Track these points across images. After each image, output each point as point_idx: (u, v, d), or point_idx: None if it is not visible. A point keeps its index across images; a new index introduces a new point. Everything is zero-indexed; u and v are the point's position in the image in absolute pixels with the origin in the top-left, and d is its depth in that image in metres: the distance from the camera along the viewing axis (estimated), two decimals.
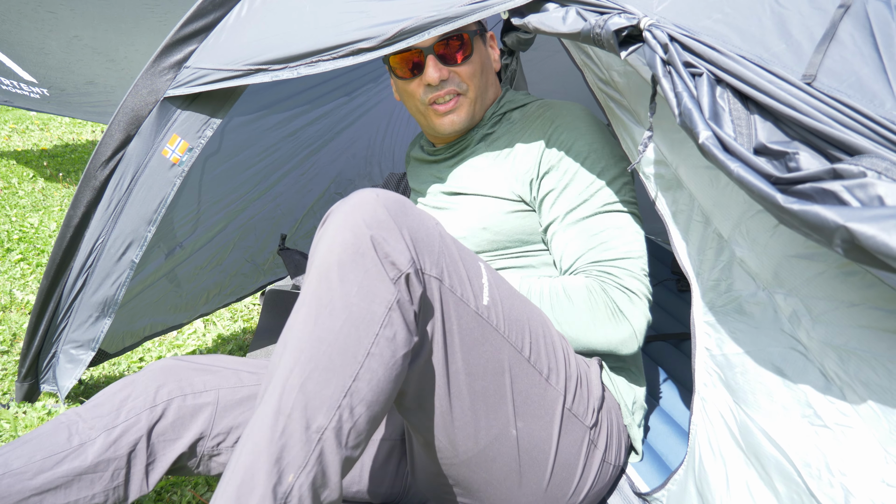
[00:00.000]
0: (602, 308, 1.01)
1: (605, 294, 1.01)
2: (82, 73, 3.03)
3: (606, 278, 1.02)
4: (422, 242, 0.83)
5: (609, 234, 1.04)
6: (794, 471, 0.75)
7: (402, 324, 0.78)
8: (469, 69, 1.15)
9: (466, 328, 0.86)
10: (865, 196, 0.58)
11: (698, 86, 0.71)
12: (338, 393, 0.74)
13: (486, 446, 0.90)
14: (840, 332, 0.71)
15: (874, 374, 0.68)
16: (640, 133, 0.93)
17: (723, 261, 0.85)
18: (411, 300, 0.79)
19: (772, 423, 0.79)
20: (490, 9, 0.93)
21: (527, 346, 0.92)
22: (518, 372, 0.90)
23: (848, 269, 0.70)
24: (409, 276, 0.79)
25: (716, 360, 0.88)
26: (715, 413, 0.88)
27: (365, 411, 0.76)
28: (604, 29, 0.78)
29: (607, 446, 1.02)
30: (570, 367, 0.98)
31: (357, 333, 0.76)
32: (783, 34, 0.71)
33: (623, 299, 1.01)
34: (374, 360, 0.76)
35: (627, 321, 1.00)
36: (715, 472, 0.87)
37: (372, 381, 0.76)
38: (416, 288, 0.80)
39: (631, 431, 1.09)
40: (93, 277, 1.40)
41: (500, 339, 0.88)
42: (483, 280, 0.89)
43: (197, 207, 1.62)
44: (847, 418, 0.71)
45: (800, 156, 0.64)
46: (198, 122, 1.29)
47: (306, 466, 0.72)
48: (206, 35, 1.26)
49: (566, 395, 0.95)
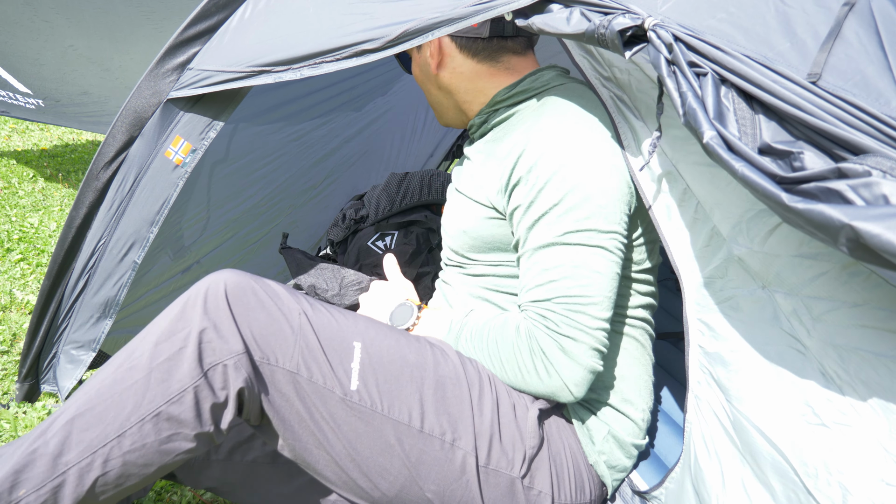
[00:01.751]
0: (527, 355, 0.94)
1: (530, 340, 0.94)
2: (77, 83, 3.04)
3: (540, 322, 0.93)
4: (270, 337, 0.86)
5: (562, 271, 0.92)
6: (790, 469, 0.75)
7: (193, 409, 0.81)
8: (417, 75, 1.22)
9: (337, 414, 0.88)
10: (870, 195, 0.58)
11: (703, 85, 0.72)
12: (98, 441, 0.80)
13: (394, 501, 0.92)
14: (842, 332, 0.71)
15: (875, 373, 0.68)
16: (642, 128, 0.94)
17: (720, 258, 0.85)
18: (213, 392, 0.82)
19: (767, 422, 0.79)
20: (494, 10, 0.94)
21: (416, 416, 0.91)
22: (411, 443, 0.90)
23: (852, 270, 0.70)
24: (226, 366, 0.82)
25: (709, 358, 0.88)
26: (709, 411, 0.88)
27: (118, 468, 0.80)
28: (608, 29, 0.79)
29: (556, 489, 0.98)
30: (481, 424, 0.94)
31: (142, 398, 0.81)
32: (788, 33, 0.71)
33: (552, 348, 0.92)
34: (148, 428, 0.80)
35: (556, 373, 0.92)
36: (710, 469, 0.87)
37: (136, 445, 0.80)
38: (236, 380, 0.83)
39: (598, 469, 1.04)
40: (94, 278, 1.40)
41: (379, 418, 0.89)
42: (353, 364, 0.90)
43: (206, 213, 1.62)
44: (846, 417, 0.71)
45: (804, 155, 0.64)
46: (201, 123, 1.29)
47: (40, 489, 0.78)
48: (209, 37, 1.26)
49: (478, 453, 0.93)
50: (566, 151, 0.94)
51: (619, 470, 1.06)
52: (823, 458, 0.72)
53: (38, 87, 3.03)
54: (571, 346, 0.91)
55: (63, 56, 2.86)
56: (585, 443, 1.04)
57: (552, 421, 1.03)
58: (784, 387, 0.77)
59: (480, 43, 1.11)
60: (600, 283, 0.92)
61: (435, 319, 1.10)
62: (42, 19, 2.63)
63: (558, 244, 0.93)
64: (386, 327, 1.00)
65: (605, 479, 1.05)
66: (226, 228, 1.74)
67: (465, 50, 1.12)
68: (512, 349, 0.96)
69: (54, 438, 0.80)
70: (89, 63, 2.90)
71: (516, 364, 0.96)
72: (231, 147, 1.61)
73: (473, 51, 1.12)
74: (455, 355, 1.01)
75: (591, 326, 0.92)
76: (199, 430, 0.83)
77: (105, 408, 0.81)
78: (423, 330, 1.09)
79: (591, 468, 1.04)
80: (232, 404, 0.84)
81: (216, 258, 1.76)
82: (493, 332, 1.00)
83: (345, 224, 1.89)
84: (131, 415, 0.80)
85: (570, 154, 0.94)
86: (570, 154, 0.94)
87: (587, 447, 1.04)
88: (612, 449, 1.04)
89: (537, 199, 0.95)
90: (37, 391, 1.54)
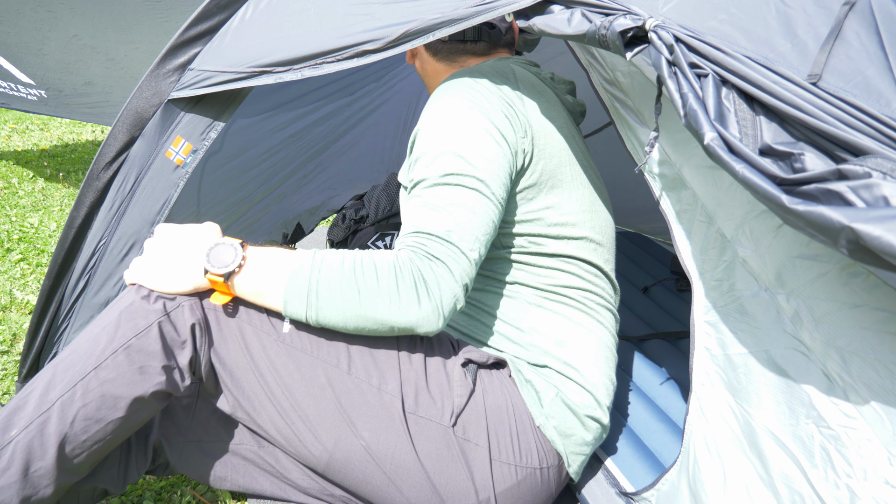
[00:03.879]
0: (407, 277, 0.88)
1: (411, 264, 0.89)
2: (81, 73, 3.03)
3: (418, 248, 0.90)
4: None
5: (438, 205, 0.93)
6: (800, 472, 0.75)
7: (159, 341, 0.89)
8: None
9: (274, 357, 0.95)
10: (870, 196, 0.58)
11: (704, 87, 0.72)
12: (77, 375, 0.87)
13: (333, 457, 0.97)
14: (842, 334, 0.71)
15: (877, 375, 0.68)
16: (645, 133, 0.94)
17: (725, 260, 0.85)
18: (175, 328, 0.91)
19: (777, 424, 0.79)
20: (495, 11, 0.94)
21: (343, 360, 0.96)
22: (340, 387, 0.96)
23: (851, 271, 0.70)
24: (182, 307, 0.91)
25: (716, 361, 0.88)
26: (713, 413, 0.88)
27: (97, 399, 0.87)
28: (609, 30, 0.79)
29: (493, 445, 0.99)
30: (408, 371, 0.98)
31: (114, 334, 0.89)
32: (788, 34, 0.71)
33: (426, 267, 0.89)
34: (121, 358, 0.88)
35: (432, 292, 0.88)
36: (711, 472, 0.87)
37: (112, 375, 0.88)
38: (190, 318, 0.91)
39: (546, 433, 1.03)
40: (95, 278, 1.40)
41: (310, 359, 0.95)
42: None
43: (197, 209, 1.62)
44: (851, 420, 0.71)
45: (805, 157, 0.64)
46: (202, 124, 1.30)
47: (28, 427, 0.85)
48: (210, 37, 1.26)
49: (404, 399, 0.97)
50: (440, 114, 1.01)
51: (576, 442, 1.05)
52: (831, 460, 0.72)
53: (42, 78, 3.03)
54: (443, 269, 0.89)
55: (67, 46, 2.86)
56: (531, 403, 1.04)
57: (493, 375, 1.04)
58: (789, 389, 0.77)
59: (440, 44, 1.22)
60: (473, 221, 0.92)
61: (270, 255, 0.93)
62: (46, 9, 2.63)
63: (439, 184, 0.95)
64: None
65: (556, 445, 1.03)
66: (217, 218, 1.74)
67: (428, 49, 1.25)
68: (390, 270, 0.89)
69: (41, 380, 0.89)
70: (94, 53, 2.90)
71: (394, 284, 0.88)
72: (225, 138, 1.61)
73: (434, 50, 1.24)
74: None
75: (460, 258, 0.91)
76: (166, 363, 0.91)
77: (84, 349, 0.90)
78: (255, 270, 0.92)
79: (539, 431, 1.03)
80: (189, 342, 0.92)
81: None
82: (364, 259, 0.91)
83: (345, 224, 1.89)
84: (105, 349, 0.88)
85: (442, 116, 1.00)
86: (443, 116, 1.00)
87: (533, 408, 1.03)
88: (561, 413, 1.04)
89: (416, 152, 1.01)
90: None
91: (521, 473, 1.01)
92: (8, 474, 0.84)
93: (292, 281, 0.89)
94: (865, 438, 0.69)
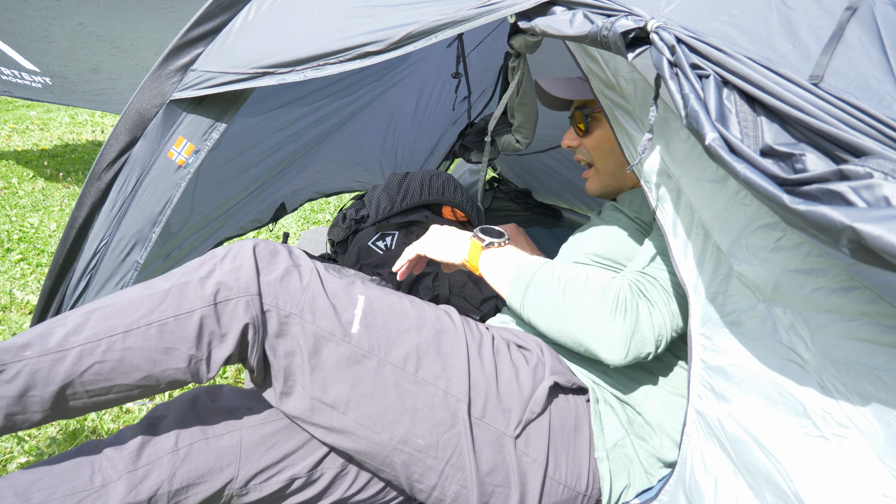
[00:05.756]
0: (610, 297, 0.96)
1: (621, 282, 0.97)
2: (87, 60, 3.04)
3: (634, 282, 0.98)
4: (281, 287, 0.95)
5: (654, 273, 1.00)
6: (786, 482, 0.75)
7: (196, 329, 0.90)
8: (592, 141, 1.26)
9: (337, 354, 0.94)
10: (872, 197, 0.58)
11: (705, 87, 0.72)
12: (107, 330, 0.88)
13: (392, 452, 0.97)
14: (839, 346, 0.71)
15: (872, 387, 0.68)
16: (642, 140, 0.94)
17: (721, 273, 0.85)
18: (218, 322, 0.91)
19: (768, 435, 0.79)
20: (497, 12, 0.94)
21: (412, 362, 0.96)
22: (406, 387, 0.96)
23: (847, 285, 0.70)
24: (237, 301, 0.91)
25: (711, 372, 0.88)
26: (708, 425, 0.88)
27: (114, 361, 0.87)
28: (611, 31, 0.79)
29: (552, 463, 0.99)
30: (477, 376, 0.98)
31: (156, 306, 0.89)
32: (790, 36, 0.71)
33: (633, 300, 0.95)
34: (153, 332, 0.88)
35: (628, 321, 0.93)
36: (706, 483, 0.87)
37: (137, 345, 0.88)
38: (244, 316, 0.91)
39: (600, 466, 1.03)
40: (96, 278, 1.40)
41: (376, 361, 0.95)
42: (356, 311, 0.97)
43: (191, 203, 1.62)
44: (845, 430, 0.71)
45: (806, 157, 0.65)
46: (204, 124, 1.30)
47: (42, 356, 0.86)
48: (212, 38, 1.26)
49: (471, 403, 0.97)
50: None
51: (624, 486, 1.04)
52: (823, 470, 0.72)
53: (46, 65, 3.02)
54: (647, 304, 0.96)
55: (73, 34, 2.86)
56: (597, 435, 1.04)
57: (570, 399, 1.04)
58: (784, 400, 0.77)
59: None
60: (674, 302, 0.98)
61: (516, 250, 1.14)
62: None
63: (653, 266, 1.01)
64: (392, 292, 1.05)
65: (603, 481, 1.03)
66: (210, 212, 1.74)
67: None
68: (599, 288, 0.98)
69: (74, 320, 0.89)
70: (100, 41, 2.91)
71: (593, 302, 0.97)
72: (222, 139, 1.61)
73: None
74: (458, 317, 1.06)
75: (664, 302, 0.97)
76: (194, 353, 0.90)
77: (123, 307, 0.90)
78: (504, 252, 1.12)
79: (595, 462, 1.03)
80: (233, 338, 0.91)
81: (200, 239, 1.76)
82: (580, 276, 1.02)
83: (345, 224, 1.89)
84: (142, 318, 0.89)
85: None
86: None
87: (598, 440, 1.04)
88: (623, 459, 1.04)
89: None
90: None
91: (566, 494, 1.02)
92: (5, 388, 0.85)
93: (521, 270, 1.06)
94: (859, 449, 0.69)
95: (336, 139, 2.16)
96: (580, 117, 1.26)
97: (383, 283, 1.59)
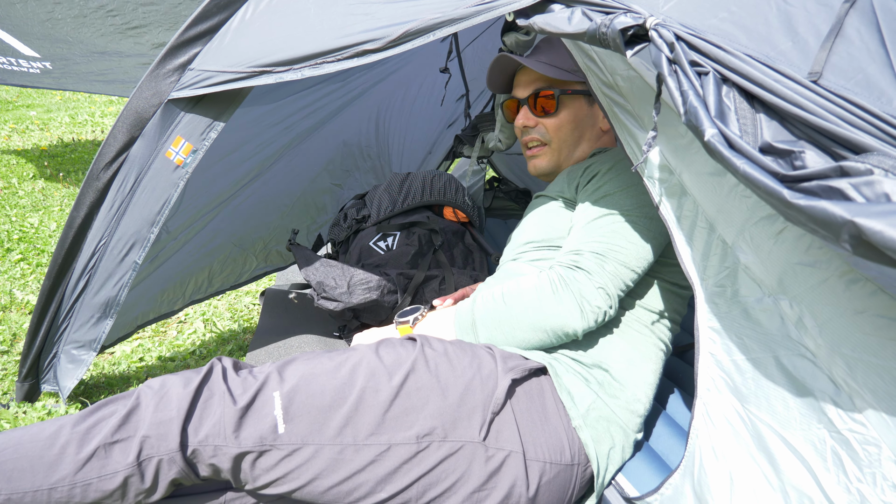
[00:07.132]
0: (546, 284, 1.06)
1: (550, 272, 1.07)
2: (93, 41, 2.99)
3: (566, 262, 1.07)
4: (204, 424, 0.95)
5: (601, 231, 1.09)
6: (811, 476, 0.75)
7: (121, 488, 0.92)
8: (556, 122, 1.34)
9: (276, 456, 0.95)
10: (872, 193, 0.58)
11: (704, 85, 0.71)
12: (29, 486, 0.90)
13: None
14: (846, 340, 0.71)
15: (881, 381, 0.68)
16: (644, 137, 0.94)
17: (727, 266, 0.85)
18: (143, 479, 0.93)
19: (788, 429, 0.78)
20: (495, 10, 0.94)
21: (348, 434, 0.96)
22: (350, 456, 0.96)
23: (851, 278, 0.69)
24: (160, 460, 0.92)
25: (722, 366, 0.87)
26: (720, 418, 0.88)
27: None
28: (609, 28, 0.79)
29: (528, 446, 1.00)
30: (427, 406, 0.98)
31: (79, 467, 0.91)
32: (789, 32, 0.71)
33: (570, 275, 1.05)
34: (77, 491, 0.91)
35: (570, 293, 1.04)
36: (718, 476, 0.87)
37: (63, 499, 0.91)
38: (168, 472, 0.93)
39: (581, 434, 1.04)
40: (95, 278, 1.40)
41: (313, 448, 0.95)
42: (275, 411, 0.96)
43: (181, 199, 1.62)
44: (859, 425, 0.71)
45: (805, 154, 0.64)
46: (202, 124, 1.29)
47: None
48: (210, 38, 1.26)
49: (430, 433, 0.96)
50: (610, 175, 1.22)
51: (609, 448, 1.06)
52: (843, 465, 0.72)
53: (48, 49, 2.96)
54: (584, 274, 1.05)
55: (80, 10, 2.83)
56: (569, 405, 1.04)
57: (531, 381, 1.05)
58: (800, 395, 0.77)
59: None
60: (630, 249, 1.07)
61: (438, 312, 1.24)
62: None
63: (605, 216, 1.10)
64: (316, 356, 1.05)
65: (588, 448, 1.04)
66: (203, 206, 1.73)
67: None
68: (534, 287, 1.08)
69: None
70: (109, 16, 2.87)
71: (535, 296, 1.07)
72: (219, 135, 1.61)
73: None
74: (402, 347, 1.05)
75: (605, 269, 1.05)
76: (121, 501, 0.94)
77: (41, 455, 0.92)
78: (431, 318, 1.22)
79: (574, 432, 1.04)
80: (163, 489, 0.95)
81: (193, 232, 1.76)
82: (512, 286, 1.11)
83: (346, 224, 1.89)
84: (66, 476, 0.91)
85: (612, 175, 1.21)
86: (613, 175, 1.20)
87: (570, 409, 1.04)
88: (600, 421, 1.06)
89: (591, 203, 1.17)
90: (37, 391, 1.54)
91: (554, 470, 1.02)
92: None
93: (458, 318, 1.16)
94: (873, 443, 0.69)
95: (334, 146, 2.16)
96: (550, 97, 1.33)
97: (389, 283, 1.59)
